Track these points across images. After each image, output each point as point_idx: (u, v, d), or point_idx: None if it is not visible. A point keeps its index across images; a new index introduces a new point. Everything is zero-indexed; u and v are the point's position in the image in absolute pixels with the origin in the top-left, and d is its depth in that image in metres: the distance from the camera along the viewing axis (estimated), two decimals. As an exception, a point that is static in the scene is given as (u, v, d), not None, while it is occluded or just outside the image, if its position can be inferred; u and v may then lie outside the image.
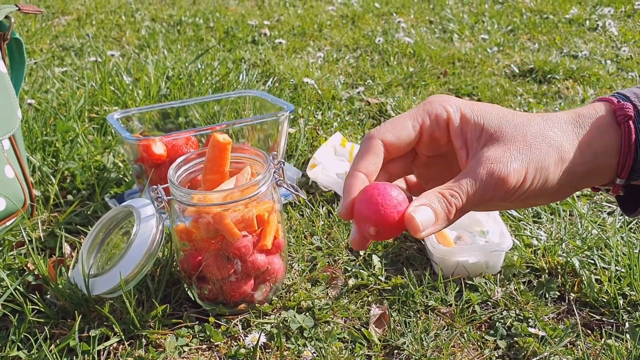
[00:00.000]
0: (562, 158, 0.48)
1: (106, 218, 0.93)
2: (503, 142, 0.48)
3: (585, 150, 0.49)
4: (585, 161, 0.49)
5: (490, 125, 0.49)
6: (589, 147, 0.49)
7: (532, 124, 0.49)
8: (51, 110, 1.45)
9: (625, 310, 0.88)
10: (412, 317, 0.88)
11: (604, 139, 0.49)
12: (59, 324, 0.85)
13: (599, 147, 0.49)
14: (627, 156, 0.49)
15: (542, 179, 0.48)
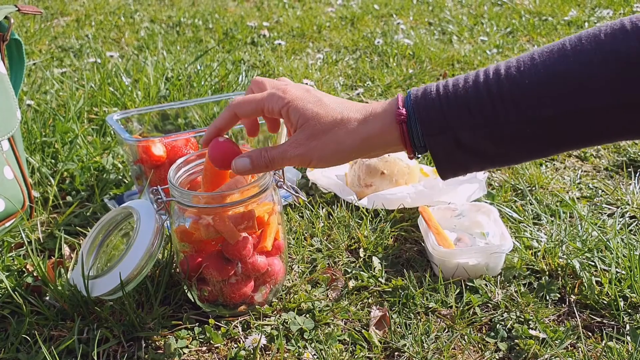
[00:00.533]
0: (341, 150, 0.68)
1: (106, 219, 0.92)
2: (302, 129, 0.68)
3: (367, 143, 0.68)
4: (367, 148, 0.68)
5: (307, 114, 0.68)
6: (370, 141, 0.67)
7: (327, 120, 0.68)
8: (50, 111, 1.44)
9: (626, 312, 0.88)
10: (412, 319, 0.87)
11: (387, 137, 0.67)
12: (58, 325, 0.85)
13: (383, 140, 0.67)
14: (406, 144, 0.66)
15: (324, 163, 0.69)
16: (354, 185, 1.22)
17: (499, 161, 0.66)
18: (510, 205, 1.17)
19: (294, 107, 0.68)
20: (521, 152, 0.64)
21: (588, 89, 0.59)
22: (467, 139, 0.63)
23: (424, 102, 0.64)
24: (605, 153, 1.42)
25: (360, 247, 1.05)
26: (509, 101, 0.60)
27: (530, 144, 0.63)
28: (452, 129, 0.63)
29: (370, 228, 1.09)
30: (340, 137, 0.67)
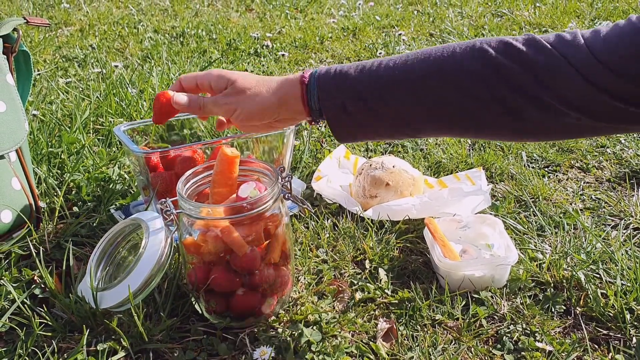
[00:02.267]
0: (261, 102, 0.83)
1: (114, 231, 0.93)
2: (233, 86, 0.84)
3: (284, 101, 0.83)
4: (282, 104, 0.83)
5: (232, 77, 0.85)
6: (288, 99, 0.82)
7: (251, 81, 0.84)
8: (56, 122, 1.45)
9: (633, 325, 0.89)
10: (419, 331, 0.88)
11: (294, 93, 0.82)
12: (67, 337, 0.85)
13: (290, 98, 0.82)
14: (304, 103, 0.82)
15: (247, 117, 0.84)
16: (358, 196, 1.22)
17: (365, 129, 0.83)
18: (514, 216, 1.17)
19: (225, 73, 0.85)
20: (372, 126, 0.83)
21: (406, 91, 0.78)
22: (350, 107, 0.79)
23: (325, 74, 0.81)
24: (608, 165, 1.43)
25: (366, 258, 1.05)
26: (374, 87, 0.79)
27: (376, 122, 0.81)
28: (340, 97, 0.80)
29: (375, 239, 1.09)
30: (262, 93, 0.83)
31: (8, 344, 0.85)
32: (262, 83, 0.84)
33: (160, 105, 0.89)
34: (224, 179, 0.85)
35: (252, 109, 0.83)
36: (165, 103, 0.88)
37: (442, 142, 1.54)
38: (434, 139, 1.55)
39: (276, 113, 0.83)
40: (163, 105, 0.88)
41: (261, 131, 0.92)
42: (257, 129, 0.88)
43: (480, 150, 1.51)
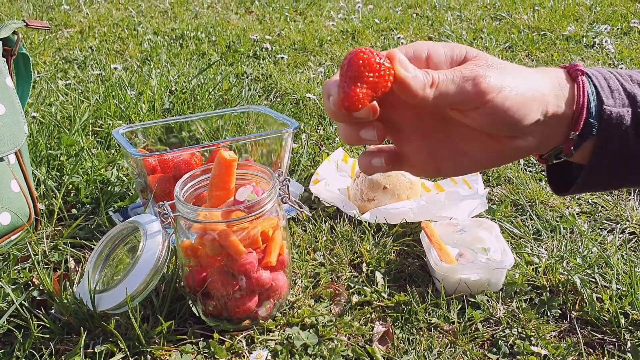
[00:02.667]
0: (537, 88, 0.51)
1: (112, 233, 0.93)
2: (484, 60, 0.50)
3: (552, 92, 0.52)
4: (551, 102, 0.52)
5: (472, 52, 0.52)
6: (554, 91, 0.52)
7: (512, 65, 0.52)
8: (55, 124, 1.46)
9: (627, 329, 0.89)
10: (415, 335, 0.88)
11: (562, 90, 0.52)
12: (64, 339, 0.86)
13: (560, 95, 0.52)
14: (581, 109, 0.52)
15: (521, 97, 0.49)
16: (356, 200, 1.23)
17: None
18: (511, 220, 1.18)
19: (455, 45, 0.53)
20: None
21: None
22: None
23: (602, 73, 0.55)
24: (605, 169, 1.43)
25: (363, 261, 1.06)
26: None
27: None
28: (636, 104, 0.53)
29: (372, 242, 1.10)
30: (528, 71, 0.52)
31: (6, 345, 0.86)
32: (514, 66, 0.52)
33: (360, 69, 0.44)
34: (221, 183, 0.86)
35: (524, 89, 0.49)
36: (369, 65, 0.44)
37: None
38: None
39: (545, 107, 0.51)
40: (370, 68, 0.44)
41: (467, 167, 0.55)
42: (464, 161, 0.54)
43: (477, 154, 1.51)
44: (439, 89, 0.48)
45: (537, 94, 0.50)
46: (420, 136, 0.54)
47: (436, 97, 0.48)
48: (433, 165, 0.54)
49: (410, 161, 0.54)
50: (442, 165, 0.54)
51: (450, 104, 0.49)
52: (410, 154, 0.54)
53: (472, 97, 0.48)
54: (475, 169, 0.56)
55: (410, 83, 0.47)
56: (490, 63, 0.50)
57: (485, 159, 0.54)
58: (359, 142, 0.50)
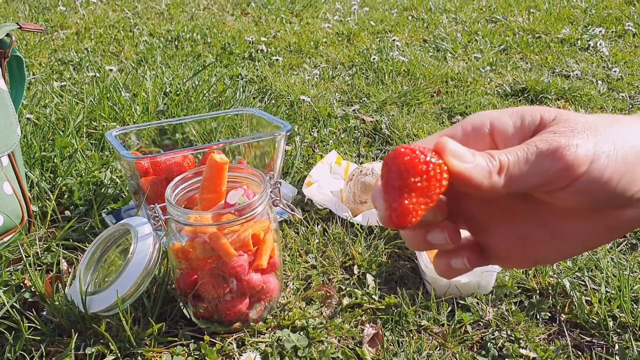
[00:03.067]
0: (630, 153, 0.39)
1: (104, 235, 0.94)
2: (565, 122, 0.40)
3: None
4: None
5: (549, 113, 0.41)
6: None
7: (596, 116, 0.41)
8: (49, 125, 1.46)
9: (615, 332, 0.90)
10: (405, 337, 0.89)
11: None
12: (55, 341, 0.86)
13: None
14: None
15: (621, 163, 0.38)
16: (349, 202, 1.23)
17: None
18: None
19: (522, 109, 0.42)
20: None
21: None
22: None
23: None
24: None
25: (354, 264, 1.06)
26: None
27: None
28: None
29: (364, 245, 1.10)
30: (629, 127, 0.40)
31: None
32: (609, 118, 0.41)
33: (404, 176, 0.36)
34: (212, 185, 0.86)
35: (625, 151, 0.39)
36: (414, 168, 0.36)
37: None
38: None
39: None
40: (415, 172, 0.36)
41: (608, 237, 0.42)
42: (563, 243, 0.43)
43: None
44: (510, 173, 0.38)
45: None
46: (502, 221, 0.43)
47: (508, 184, 0.38)
48: (526, 254, 0.44)
49: (497, 253, 0.44)
50: (538, 252, 0.43)
51: (528, 188, 0.39)
52: (496, 245, 0.44)
53: (556, 176, 0.38)
54: (580, 251, 0.44)
55: (471, 176, 0.37)
56: (575, 126, 0.39)
57: (589, 238, 0.42)
58: (429, 247, 0.41)
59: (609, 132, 0.39)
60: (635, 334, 0.89)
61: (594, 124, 0.39)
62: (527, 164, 0.37)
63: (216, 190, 0.87)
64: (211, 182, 0.86)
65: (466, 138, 0.40)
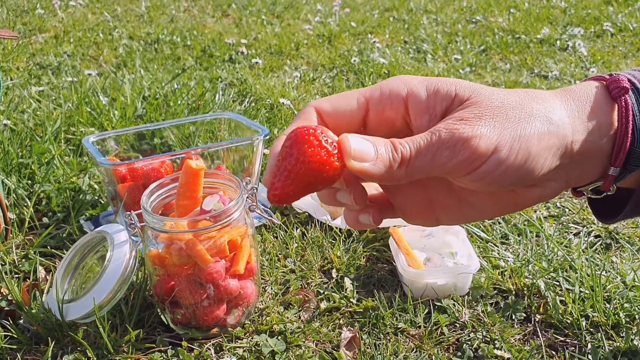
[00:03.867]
0: (548, 131, 0.40)
1: (81, 243, 0.94)
2: (476, 105, 0.40)
3: (577, 125, 0.41)
4: (577, 139, 0.41)
5: (464, 91, 0.41)
6: (581, 122, 0.41)
7: (511, 95, 0.42)
8: (27, 131, 1.45)
9: (588, 331, 0.91)
10: (382, 340, 0.90)
11: (597, 117, 0.41)
12: (32, 349, 0.86)
13: (591, 130, 0.41)
14: (623, 137, 0.41)
15: (523, 152, 0.39)
16: (327, 205, 1.24)
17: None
18: (479, 225, 1.20)
19: (435, 81, 0.43)
20: None
21: None
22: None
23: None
24: (573, 172, 1.46)
25: (333, 267, 1.07)
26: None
27: None
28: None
29: (343, 248, 1.11)
30: (540, 111, 0.41)
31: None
32: (528, 94, 0.42)
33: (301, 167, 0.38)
34: (188, 192, 0.86)
35: (530, 144, 0.39)
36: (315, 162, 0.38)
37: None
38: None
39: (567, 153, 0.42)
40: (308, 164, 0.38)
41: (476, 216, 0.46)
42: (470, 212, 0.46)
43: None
44: (412, 165, 0.39)
45: (552, 139, 0.40)
46: (415, 187, 0.45)
47: (409, 174, 0.39)
48: (433, 215, 0.46)
49: (406, 212, 0.46)
50: (445, 215, 0.46)
51: (430, 175, 0.40)
52: (406, 205, 0.46)
53: (456, 167, 0.39)
54: (483, 219, 0.47)
55: (372, 172, 0.38)
56: (484, 111, 0.39)
57: (496, 209, 0.45)
58: (338, 205, 0.44)
59: (519, 116, 0.40)
60: (607, 333, 0.90)
61: (506, 107, 0.40)
62: (428, 155, 0.39)
63: (192, 196, 0.87)
64: (187, 189, 0.87)
65: (382, 100, 0.43)
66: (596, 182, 0.45)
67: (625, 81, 0.42)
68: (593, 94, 0.42)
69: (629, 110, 0.41)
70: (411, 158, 0.39)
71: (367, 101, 0.43)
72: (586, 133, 0.41)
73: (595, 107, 0.42)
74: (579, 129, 0.41)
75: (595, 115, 0.41)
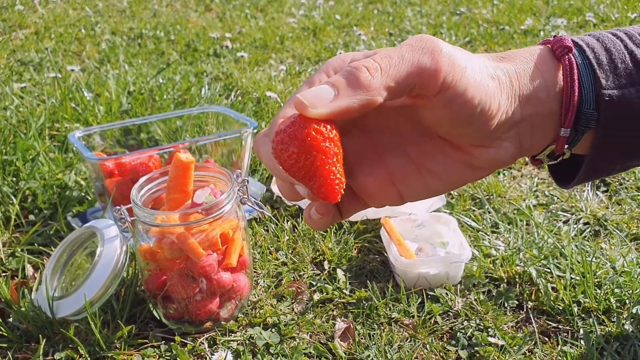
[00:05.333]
0: (499, 79, 0.41)
1: (70, 239, 0.92)
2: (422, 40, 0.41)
3: (524, 83, 0.42)
4: (524, 94, 0.42)
5: None
6: (527, 79, 0.42)
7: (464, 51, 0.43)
8: (10, 128, 1.43)
9: (580, 317, 0.92)
10: (376, 330, 0.90)
11: (542, 75, 0.42)
12: (23, 348, 0.84)
13: (538, 87, 0.42)
14: (570, 96, 0.42)
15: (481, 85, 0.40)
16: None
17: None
18: (469, 214, 1.20)
19: None
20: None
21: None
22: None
23: (603, 41, 0.44)
24: (560, 161, 1.47)
25: (325, 259, 1.06)
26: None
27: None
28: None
29: (334, 240, 1.10)
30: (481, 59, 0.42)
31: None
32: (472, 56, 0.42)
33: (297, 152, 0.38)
34: (178, 185, 0.85)
35: (486, 77, 0.41)
36: (297, 137, 0.37)
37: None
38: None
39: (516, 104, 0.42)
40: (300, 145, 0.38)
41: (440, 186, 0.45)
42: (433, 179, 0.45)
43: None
44: (388, 73, 0.37)
45: (501, 88, 0.41)
46: (373, 161, 0.45)
47: (390, 87, 0.37)
48: (394, 191, 0.45)
49: (368, 192, 0.45)
50: (406, 188, 0.45)
51: (406, 89, 0.38)
52: (367, 184, 0.44)
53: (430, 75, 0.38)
54: (445, 189, 0.45)
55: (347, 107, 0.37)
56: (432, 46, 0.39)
57: (453, 175, 0.44)
58: (297, 198, 0.42)
59: (473, 56, 0.41)
60: (599, 319, 0.91)
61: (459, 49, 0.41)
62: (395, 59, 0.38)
63: (183, 190, 0.86)
64: (177, 182, 0.86)
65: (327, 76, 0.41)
66: (550, 146, 0.45)
67: (569, 41, 0.43)
68: (537, 55, 0.43)
69: (574, 69, 0.42)
70: (385, 67, 0.37)
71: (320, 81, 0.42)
72: (532, 89, 0.42)
73: (540, 66, 0.42)
74: (526, 87, 0.42)
75: (540, 73, 0.42)
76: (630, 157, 0.46)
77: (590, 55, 0.43)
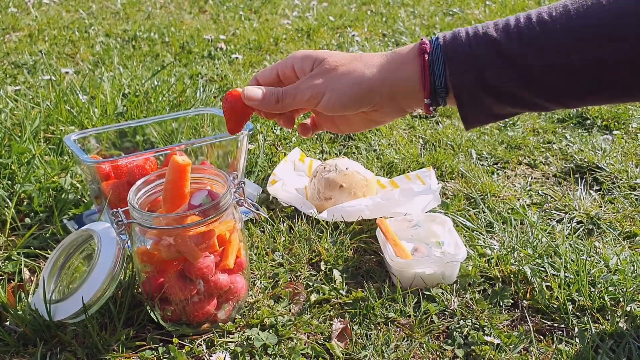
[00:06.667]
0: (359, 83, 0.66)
1: (66, 242, 0.93)
2: (322, 64, 0.68)
3: (393, 73, 0.66)
4: (391, 81, 0.66)
5: (321, 56, 0.69)
6: (397, 70, 0.66)
7: (346, 57, 0.68)
8: (5, 131, 1.43)
9: (575, 315, 0.93)
10: (372, 330, 0.90)
11: (407, 68, 0.65)
12: (20, 351, 0.85)
13: (401, 73, 0.66)
14: (425, 80, 0.64)
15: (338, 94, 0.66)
16: (313, 199, 1.24)
17: (519, 105, 0.64)
18: (464, 214, 1.21)
19: (312, 52, 0.70)
20: (541, 97, 0.63)
21: (615, 40, 0.57)
22: (492, 80, 0.61)
23: (453, 41, 0.63)
24: (554, 160, 1.48)
25: (321, 260, 1.07)
26: (538, 45, 0.59)
27: (551, 91, 0.62)
28: (478, 68, 0.61)
29: (330, 241, 1.11)
30: (359, 69, 0.66)
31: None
32: (359, 58, 0.67)
33: (230, 107, 0.73)
34: (175, 188, 0.85)
35: (344, 91, 0.66)
36: (235, 102, 0.72)
37: (394, 142, 1.57)
38: (386, 140, 1.58)
39: (377, 95, 0.66)
40: (233, 106, 0.73)
41: (358, 128, 0.75)
42: (352, 126, 0.75)
43: (431, 149, 1.54)
44: (285, 101, 0.70)
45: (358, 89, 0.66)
46: (325, 117, 0.76)
47: (284, 106, 0.70)
48: (334, 126, 0.77)
49: (322, 125, 0.78)
50: (342, 126, 0.76)
51: (296, 107, 0.71)
52: (320, 121, 0.78)
53: (308, 103, 0.68)
54: (360, 128, 0.75)
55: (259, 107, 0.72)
56: (324, 68, 0.68)
57: (362, 122, 0.73)
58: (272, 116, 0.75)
59: (344, 71, 0.67)
60: (593, 317, 0.92)
61: (339, 63, 0.67)
62: (294, 94, 0.69)
63: (180, 192, 0.86)
64: (174, 184, 0.86)
65: (285, 66, 0.72)
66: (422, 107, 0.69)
67: (427, 45, 0.64)
68: (408, 53, 0.66)
69: (425, 63, 0.64)
70: (284, 97, 0.70)
71: (276, 69, 0.72)
72: (401, 80, 0.66)
73: (408, 61, 0.65)
74: (394, 76, 0.66)
75: (405, 68, 0.65)
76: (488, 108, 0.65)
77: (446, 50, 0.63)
